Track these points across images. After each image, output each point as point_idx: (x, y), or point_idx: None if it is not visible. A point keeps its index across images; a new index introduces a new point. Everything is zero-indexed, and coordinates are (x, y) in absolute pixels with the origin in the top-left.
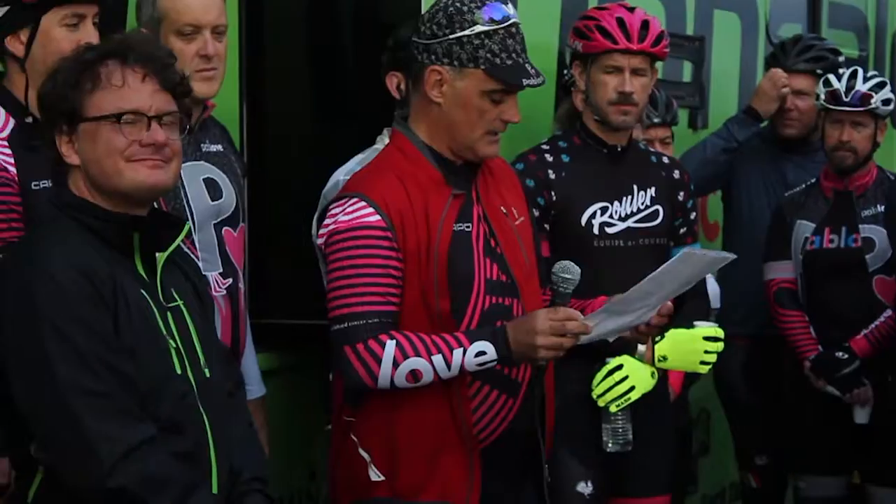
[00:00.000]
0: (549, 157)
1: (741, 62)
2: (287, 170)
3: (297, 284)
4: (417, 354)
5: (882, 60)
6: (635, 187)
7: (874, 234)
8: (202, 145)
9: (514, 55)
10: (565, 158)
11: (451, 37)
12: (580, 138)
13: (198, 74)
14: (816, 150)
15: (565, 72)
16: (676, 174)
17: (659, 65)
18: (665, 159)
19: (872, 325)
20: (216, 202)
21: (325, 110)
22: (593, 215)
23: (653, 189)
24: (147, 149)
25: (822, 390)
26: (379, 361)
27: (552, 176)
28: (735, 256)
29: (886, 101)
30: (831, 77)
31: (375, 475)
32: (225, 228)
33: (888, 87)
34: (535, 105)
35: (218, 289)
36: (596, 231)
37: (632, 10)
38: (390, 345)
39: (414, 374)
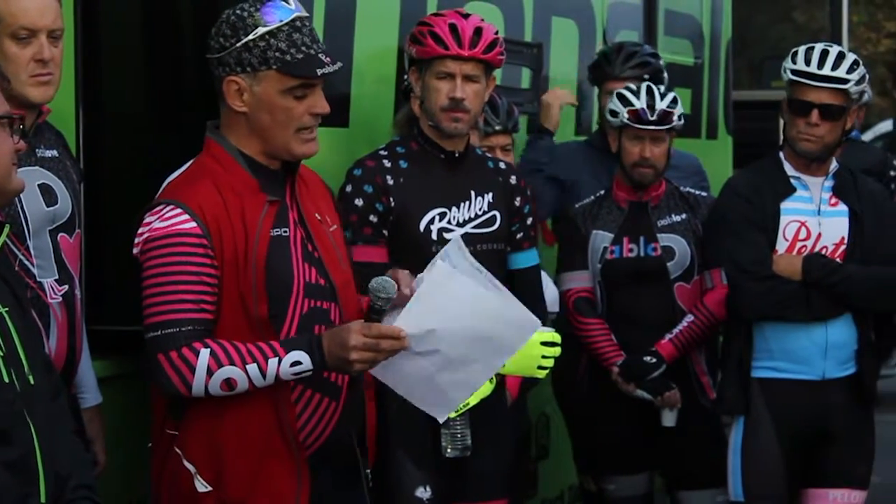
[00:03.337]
0: (386, 163)
1: (578, 69)
2: (124, 175)
3: (134, 290)
4: (232, 363)
5: (717, 68)
6: (473, 193)
7: (673, 242)
8: (37, 151)
9: (304, 48)
10: (403, 164)
11: (237, 45)
12: (418, 144)
13: (33, 79)
14: None
15: (405, 77)
16: (513, 179)
17: (498, 71)
18: (502, 165)
19: (676, 330)
20: (51, 208)
21: (164, 115)
22: (431, 221)
23: (490, 195)
24: (16, 154)
25: (631, 394)
26: (193, 370)
27: (390, 182)
28: (538, 322)
29: (680, 117)
30: (629, 95)
31: (202, 486)
32: (61, 235)
33: (680, 103)
34: (376, 110)
35: (54, 295)
36: (434, 237)
37: (466, 16)
38: (204, 353)
39: (229, 383)
